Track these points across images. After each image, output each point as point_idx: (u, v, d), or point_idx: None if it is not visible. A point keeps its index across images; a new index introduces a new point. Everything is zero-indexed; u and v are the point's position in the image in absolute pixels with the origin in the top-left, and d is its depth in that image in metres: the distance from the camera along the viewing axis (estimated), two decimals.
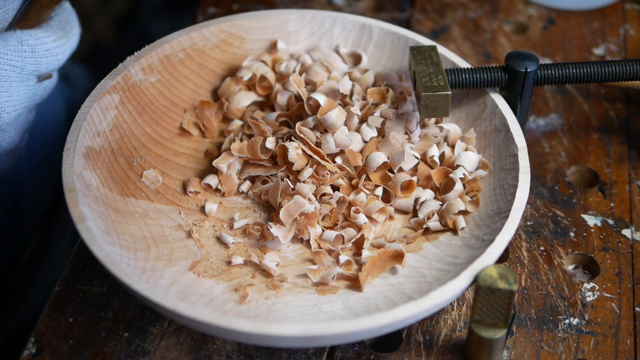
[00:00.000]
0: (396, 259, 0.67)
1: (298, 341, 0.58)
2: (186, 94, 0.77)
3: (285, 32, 0.80)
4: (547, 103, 0.85)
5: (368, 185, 0.71)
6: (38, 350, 0.65)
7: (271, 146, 0.71)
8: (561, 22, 0.94)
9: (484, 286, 0.59)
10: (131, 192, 0.70)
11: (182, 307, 0.57)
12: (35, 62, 0.72)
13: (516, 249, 0.72)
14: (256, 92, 0.78)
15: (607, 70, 0.73)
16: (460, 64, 0.75)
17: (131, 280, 0.59)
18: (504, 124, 0.71)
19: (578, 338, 0.66)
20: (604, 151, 0.80)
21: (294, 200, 0.68)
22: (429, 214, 0.70)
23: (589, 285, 0.70)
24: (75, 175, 0.65)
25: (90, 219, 0.63)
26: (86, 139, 0.68)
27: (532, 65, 0.71)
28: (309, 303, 0.64)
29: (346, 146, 0.71)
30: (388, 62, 0.79)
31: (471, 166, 0.71)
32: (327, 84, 0.74)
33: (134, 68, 0.73)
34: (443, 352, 0.65)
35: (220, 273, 0.66)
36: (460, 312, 0.68)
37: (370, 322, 0.57)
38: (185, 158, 0.75)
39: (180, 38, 0.76)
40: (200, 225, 0.70)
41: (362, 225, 0.69)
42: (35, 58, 0.72)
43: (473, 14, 0.95)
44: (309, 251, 0.69)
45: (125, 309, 0.67)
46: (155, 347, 0.65)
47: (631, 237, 0.73)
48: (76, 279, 0.69)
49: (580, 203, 0.76)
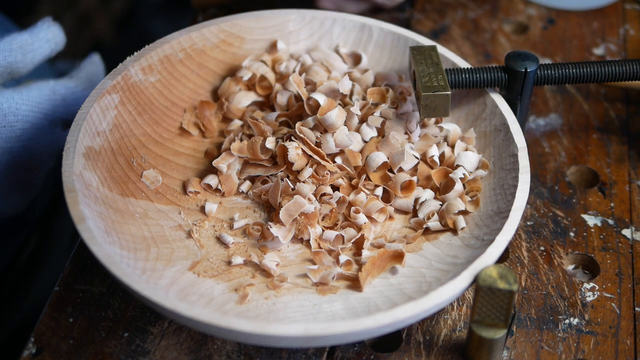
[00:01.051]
0: (396, 259, 0.67)
1: (298, 341, 0.58)
2: (186, 94, 0.77)
3: (285, 32, 0.80)
4: (547, 103, 0.85)
5: (368, 185, 0.71)
6: (38, 350, 0.65)
7: (271, 146, 0.71)
8: (561, 22, 0.94)
9: (484, 286, 0.59)
10: (131, 192, 0.70)
11: (182, 307, 0.57)
12: (65, 110, 0.73)
13: (516, 249, 0.72)
14: (256, 92, 0.78)
15: (607, 70, 0.73)
16: (460, 64, 0.75)
17: (131, 280, 0.59)
18: (504, 124, 0.71)
19: (578, 338, 0.66)
20: (604, 151, 0.80)
21: (294, 200, 0.68)
22: (429, 214, 0.70)
23: (589, 285, 0.70)
24: (75, 175, 0.65)
25: (90, 219, 0.63)
26: (86, 139, 0.68)
27: (532, 65, 0.71)
28: (309, 303, 0.64)
29: (346, 146, 0.71)
30: (388, 62, 0.79)
31: (471, 166, 0.71)
32: (327, 84, 0.74)
33: (134, 68, 0.73)
34: (443, 352, 0.65)
35: (220, 273, 0.66)
36: (460, 312, 0.68)
37: (370, 322, 0.57)
38: (185, 158, 0.75)
39: (180, 38, 0.76)
40: (200, 225, 0.70)
41: (362, 225, 0.69)
42: (65, 107, 0.73)
43: (473, 14, 0.95)
44: (309, 251, 0.69)
45: (125, 309, 0.67)
46: (155, 347, 0.65)
47: (631, 237, 0.73)
48: (76, 279, 0.69)
49: (580, 203, 0.76)
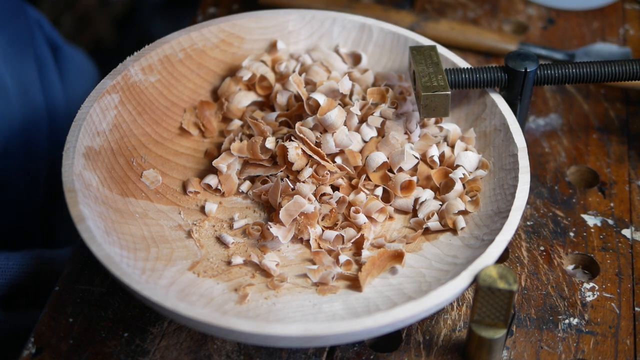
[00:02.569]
0: (396, 259, 0.67)
1: (298, 341, 0.58)
2: (186, 94, 0.77)
3: (285, 32, 0.80)
4: (547, 103, 0.85)
5: (368, 185, 0.71)
6: (38, 350, 0.65)
7: (271, 146, 0.71)
8: (561, 22, 0.94)
9: (483, 286, 0.59)
10: (131, 192, 0.70)
11: (182, 307, 0.57)
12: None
13: (516, 249, 0.72)
14: (256, 92, 0.78)
15: (607, 70, 0.73)
16: (460, 64, 0.75)
17: (131, 280, 0.59)
18: (504, 124, 0.71)
19: (578, 338, 0.66)
20: (604, 151, 0.80)
21: (293, 200, 0.68)
22: (429, 214, 0.70)
23: (588, 285, 0.70)
24: (75, 175, 0.65)
25: (90, 219, 0.63)
26: (86, 139, 0.68)
27: (532, 65, 0.71)
28: (308, 303, 0.64)
29: (346, 146, 0.71)
30: (388, 62, 0.79)
31: (471, 166, 0.71)
32: (327, 84, 0.74)
33: (133, 68, 0.73)
34: (443, 352, 0.65)
35: (220, 273, 0.66)
36: (460, 312, 0.68)
37: (370, 322, 0.57)
38: (185, 158, 0.75)
39: (180, 38, 0.76)
40: (200, 225, 0.70)
41: (362, 225, 0.69)
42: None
43: (473, 14, 0.95)
44: (308, 251, 0.69)
45: (125, 309, 0.67)
46: (155, 347, 0.65)
47: (631, 237, 0.73)
48: (76, 279, 0.69)
49: (580, 203, 0.76)
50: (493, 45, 0.89)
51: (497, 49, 0.89)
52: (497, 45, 0.89)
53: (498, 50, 0.89)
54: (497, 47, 0.89)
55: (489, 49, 0.89)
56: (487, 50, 0.89)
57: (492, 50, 0.89)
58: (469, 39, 0.89)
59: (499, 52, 0.89)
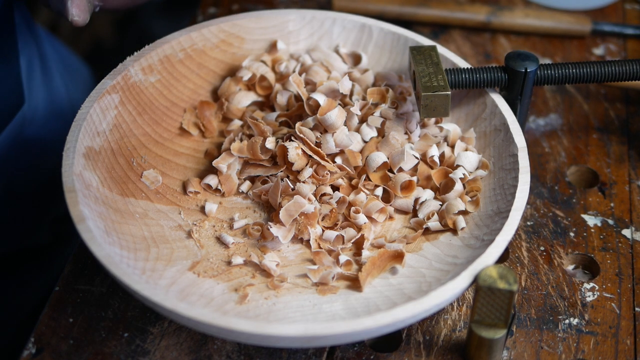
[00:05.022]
0: (396, 259, 0.67)
1: (298, 341, 0.58)
2: (186, 94, 0.77)
3: (285, 32, 0.80)
4: (547, 103, 0.85)
5: (368, 185, 0.71)
6: (38, 350, 0.65)
7: (271, 146, 0.71)
8: None
9: (484, 286, 0.59)
10: (131, 192, 0.70)
11: (182, 307, 0.57)
12: None
13: (516, 249, 0.72)
14: (256, 92, 0.78)
15: (607, 70, 0.73)
16: (460, 64, 0.75)
17: (131, 280, 0.59)
18: (504, 124, 0.71)
19: (578, 338, 0.66)
20: (604, 151, 0.80)
21: (294, 200, 0.68)
22: (429, 214, 0.70)
23: (589, 285, 0.70)
24: (75, 175, 0.65)
25: (90, 219, 0.63)
26: (86, 139, 0.68)
27: (532, 65, 0.71)
28: (309, 303, 0.64)
29: (346, 146, 0.71)
30: (388, 62, 0.79)
31: (471, 166, 0.71)
32: (327, 84, 0.74)
33: (134, 68, 0.73)
34: (443, 352, 0.65)
35: (220, 273, 0.66)
36: (460, 312, 0.68)
37: (370, 322, 0.57)
38: (185, 158, 0.75)
39: (180, 38, 0.76)
40: (200, 225, 0.70)
41: (362, 225, 0.69)
42: None
43: None
44: (309, 251, 0.69)
45: (125, 309, 0.67)
46: (155, 347, 0.65)
47: (631, 237, 0.73)
48: (76, 279, 0.69)
49: (580, 203, 0.76)
50: (568, 28, 0.90)
51: (573, 31, 0.90)
52: (573, 27, 0.90)
53: (575, 32, 0.90)
54: (573, 30, 0.90)
55: (565, 32, 0.91)
56: (563, 33, 0.91)
57: (568, 32, 0.91)
58: (544, 24, 0.90)
59: (575, 34, 0.91)
